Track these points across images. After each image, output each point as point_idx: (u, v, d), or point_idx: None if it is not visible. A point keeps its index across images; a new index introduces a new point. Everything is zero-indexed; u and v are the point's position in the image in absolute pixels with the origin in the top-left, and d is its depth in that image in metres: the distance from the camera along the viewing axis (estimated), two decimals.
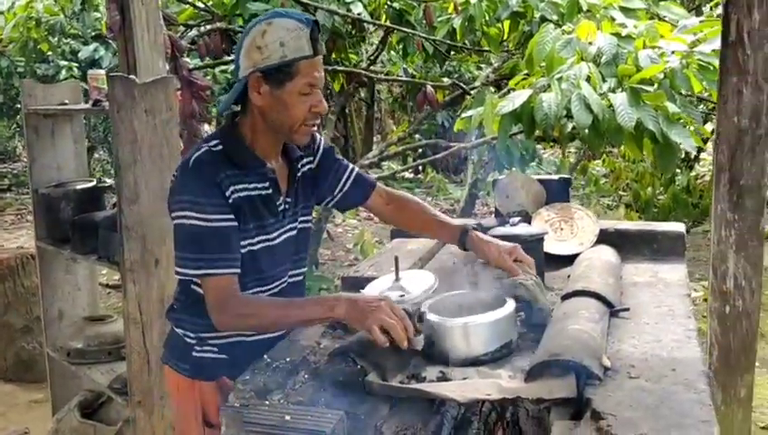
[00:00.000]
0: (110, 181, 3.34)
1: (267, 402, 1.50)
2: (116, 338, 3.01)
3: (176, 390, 1.95)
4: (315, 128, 1.84)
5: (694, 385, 1.38)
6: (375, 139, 11.49)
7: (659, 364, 1.48)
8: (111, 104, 2.49)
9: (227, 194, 1.74)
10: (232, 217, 1.74)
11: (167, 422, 2.55)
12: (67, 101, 3.25)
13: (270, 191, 1.84)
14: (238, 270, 1.74)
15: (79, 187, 3.22)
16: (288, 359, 1.64)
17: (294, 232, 1.92)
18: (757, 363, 3.44)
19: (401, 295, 1.88)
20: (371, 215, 8.76)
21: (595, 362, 1.46)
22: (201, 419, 1.89)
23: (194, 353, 1.88)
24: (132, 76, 2.49)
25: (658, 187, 8.05)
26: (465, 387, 1.52)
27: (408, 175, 11.67)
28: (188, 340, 1.89)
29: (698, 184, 7.94)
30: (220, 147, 1.79)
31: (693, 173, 8.59)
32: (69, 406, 3.13)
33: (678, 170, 8.47)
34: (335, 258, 6.89)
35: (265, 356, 1.66)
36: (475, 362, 1.63)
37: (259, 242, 1.82)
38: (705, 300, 2.90)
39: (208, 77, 5.59)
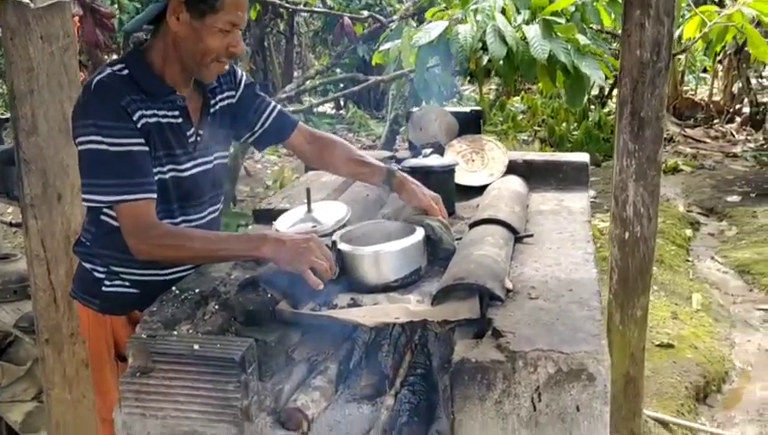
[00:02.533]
0: (6, 115, 3.16)
1: (175, 333, 1.49)
2: (21, 276, 2.90)
3: (87, 325, 1.91)
4: (226, 67, 1.79)
5: (587, 303, 1.46)
6: (295, 74, 11.25)
7: (557, 285, 1.55)
8: (4, 31, 2.32)
9: (135, 118, 1.66)
10: (142, 141, 1.67)
11: (78, 359, 2.50)
12: None
13: (180, 121, 1.77)
14: (154, 195, 1.68)
15: None
16: (197, 290, 1.63)
17: (210, 166, 1.86)
18: (655, 287, 3.67)
19: (313, 226, 1.88)
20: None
21: (498, 284, 1.52)
22: (114, 353, 1.87)
23: (103, 288, 1.84)
24: (26, 0, 2.32)
25: (572, 122, 8.28)
26: (374, 312, 1.56)
27: (329, 111, 11.54)
28: (97, 274, 1.84)
29: (609, 120, 8.21)
30: (126, 71, 1.71)
31: (605, 110, 8.87)
32: None
33: (592, 107, 8.73)
34: (254, 195, 6.82)
35: (174, 288, 1.64)
36: (385, 288, 1.67)
37: (169, 171, 1.76)
38: None
39: (114, 5, 5.30)
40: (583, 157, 2.43)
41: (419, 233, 1.75)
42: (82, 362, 2.53)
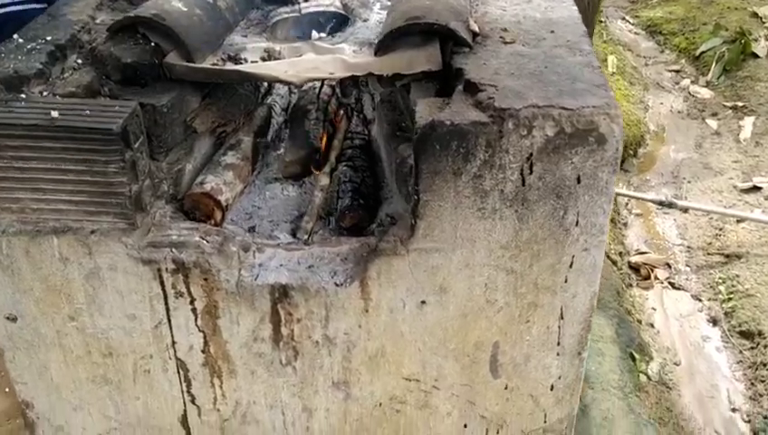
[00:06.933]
0: None
1: (23, 96, 1.06)
2: None
3: None
4: None
5: (578, 46, 1.14)
6: None
7: (535, 27, 1.21)
8: None
9: None
10: None
11: None
12: None
13: None
14: None
15: None
16: (49, 38, 1.17)
17: None
18: None
19: None
20: None
21: (462, 25, 1.15)
22: None
23: None
24: None
25: None
26: (300, 65, 1.17)
27: None
28: None
29: None
30: None
31: None
32: None
33: None
34: None
35: (15, 36, 1.17)
36: None
37: None
38: None
39: None
40: None
41: None
42: None
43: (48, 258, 1.08)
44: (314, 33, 1.36)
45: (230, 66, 1.18)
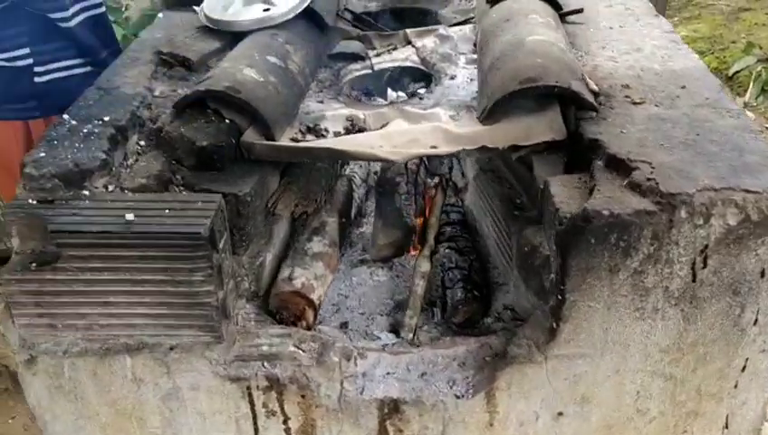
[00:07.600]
0: None
1: (87, 193, 0.90)
2: None
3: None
4: None
5: (722, 105, 0.98)
6: None
7: (660, 81, 1.06)
8: None
9: None
10: None
11: None
12: None
13: None
14: None
15: None
16: (106, 118, 1.01)
17: None
18: None
19: (265, 10, 1.26)
20: None
21: (583, 85, 1.00)
22: None
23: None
24: None
25: None
26: (395, 138, 1.01)
27: None
28: None
29: None
30: None
31: None
32: None
33: None
34: None
35: (66, 116, 1.02)
36: None
37: None
38: None
39: None
40: None
41: None
42: None
43: (119, 380, 0.92)
44: (391, 93, 1.21)
45: (315, 142, 1.03)
